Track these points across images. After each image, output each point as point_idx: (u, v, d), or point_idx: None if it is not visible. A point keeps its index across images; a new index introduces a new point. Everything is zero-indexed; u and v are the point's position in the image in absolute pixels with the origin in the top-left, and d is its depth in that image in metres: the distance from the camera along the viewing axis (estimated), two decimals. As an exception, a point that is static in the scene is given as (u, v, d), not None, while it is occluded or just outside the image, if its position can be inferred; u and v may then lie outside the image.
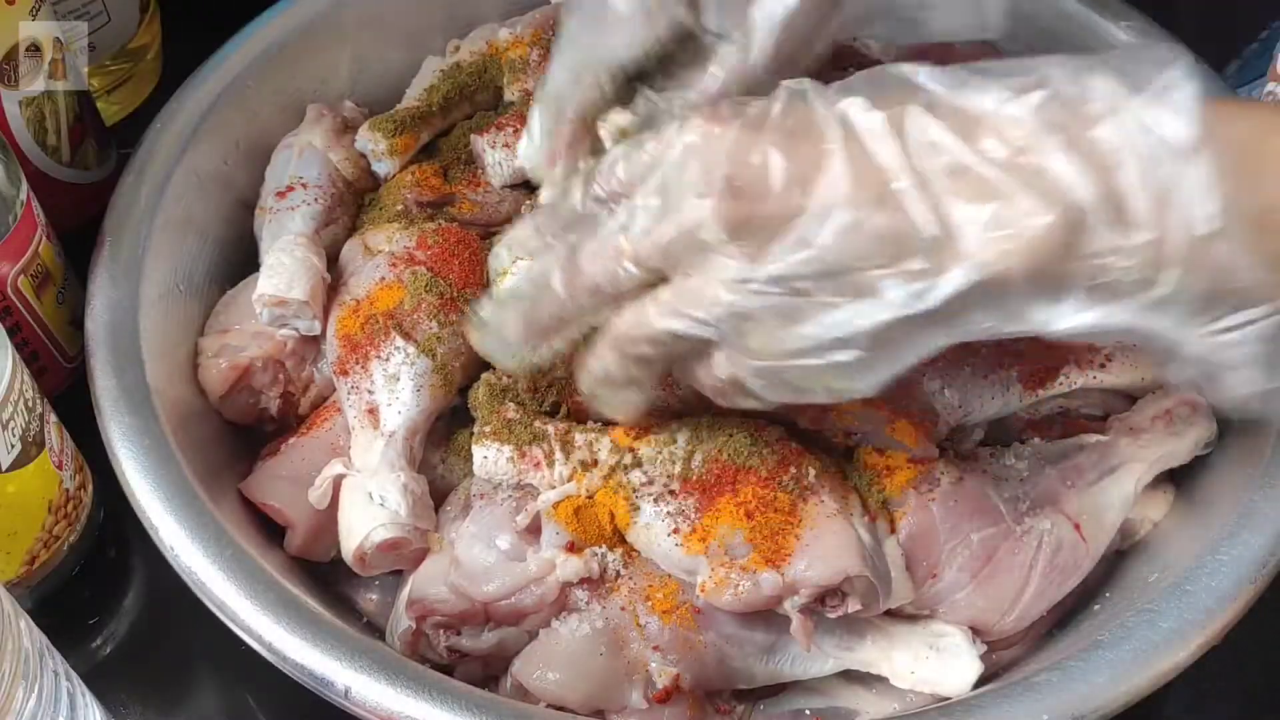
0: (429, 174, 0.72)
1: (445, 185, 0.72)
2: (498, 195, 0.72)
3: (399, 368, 0.61)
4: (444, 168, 0.73)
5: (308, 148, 0.71)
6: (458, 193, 0.71)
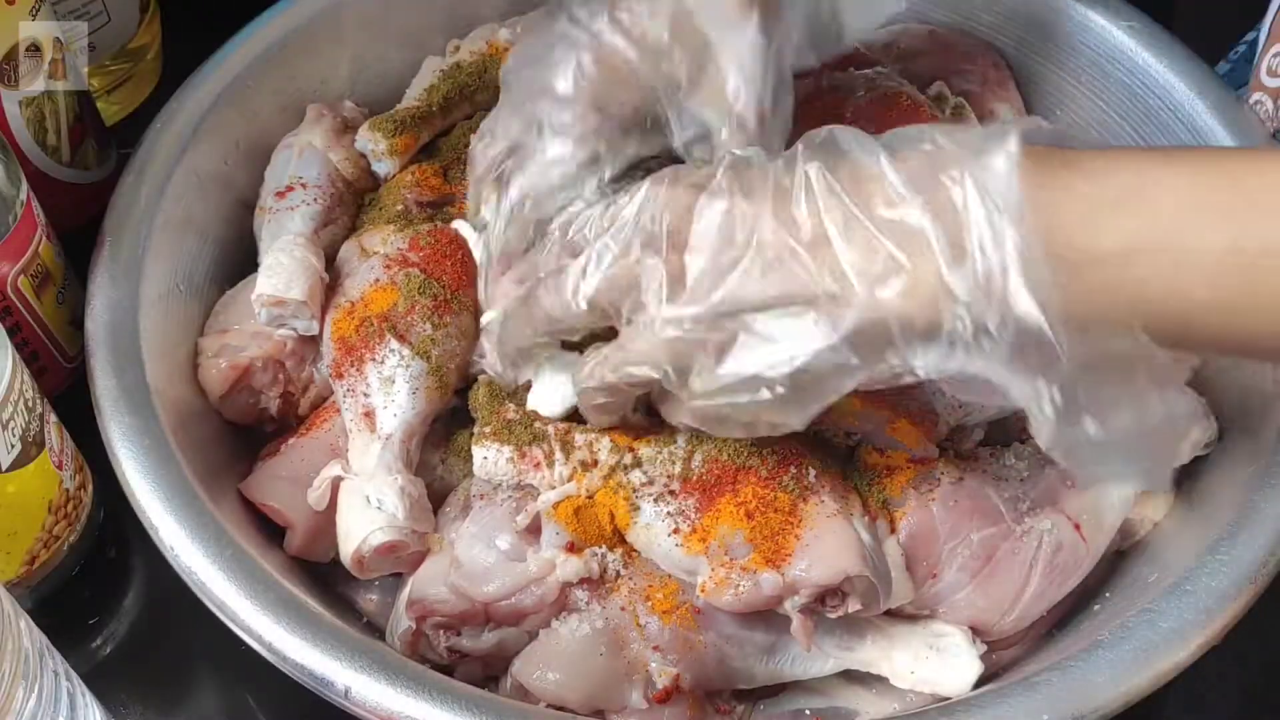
0: (429, 174, 0.72)
1: (445, 185, 0.72)
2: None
3: (394, 370, 0.61)
4: (444, 168, 0.73)
5: (307, 148, 0.71)
6: (458, 193, 0.71)
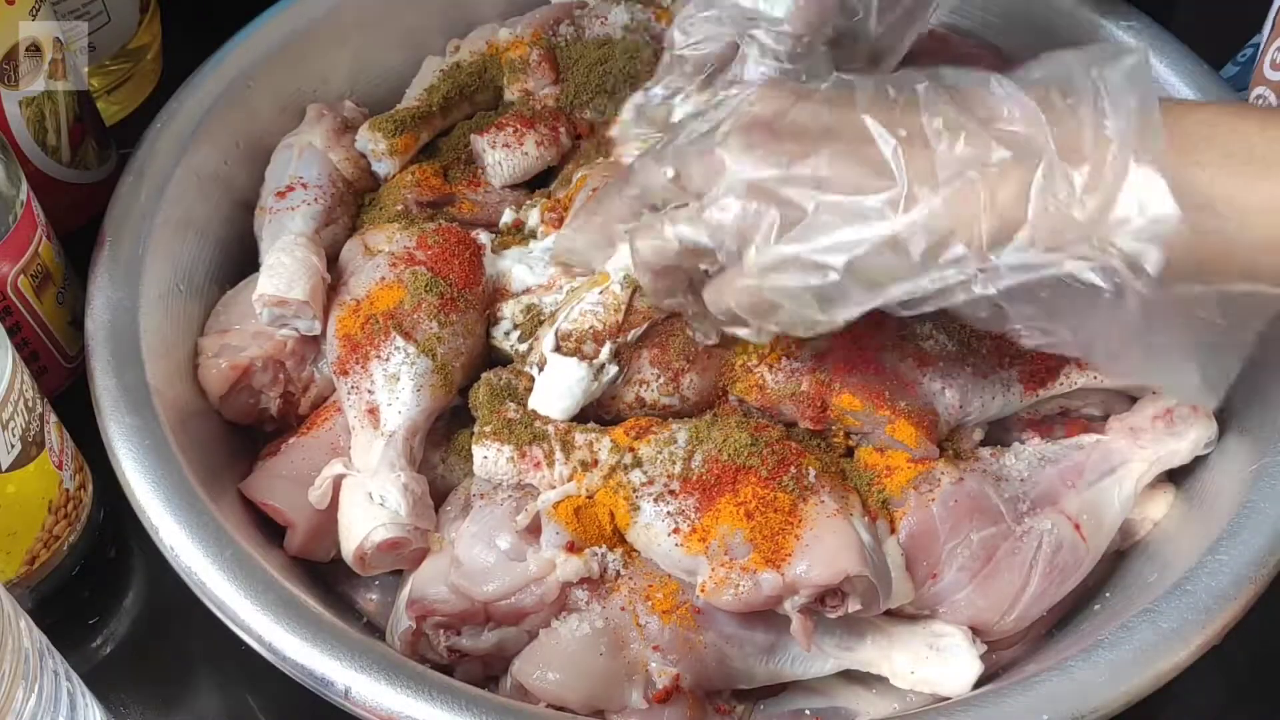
0: (429, 174, 0.72)
1: (445, 185, 0.72)
2: (498, 195, 0.72)
3: (399, 367, 0.61)
4: (444, 168, 0.73)
5: (307, 148, 0.71)
6: (458, 193, 0.72)
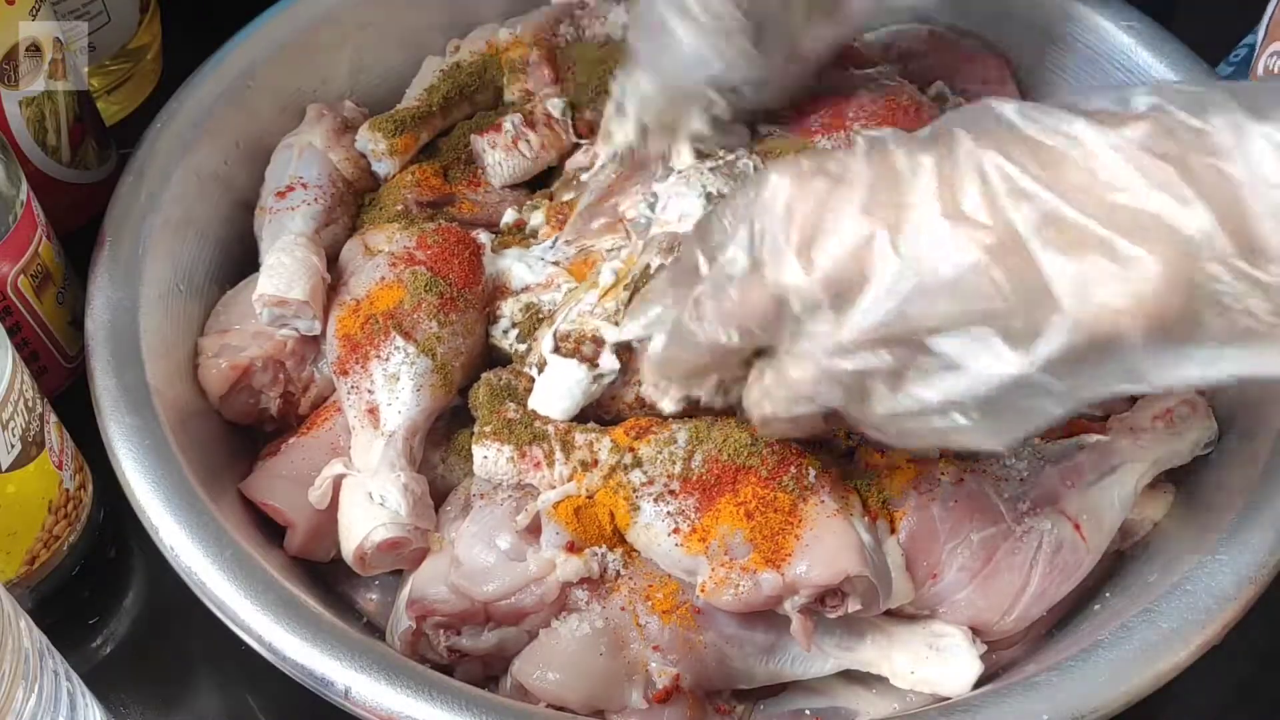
0: (429, 174, 0.72)
1: (445, 185, 0.72)
2: (498, 195, 0.72)
3: (399, 367, 0.61)
4: (444, 168, 0.73)
5: (307, 148, 0.71)
6: (458, 193, 0.72)
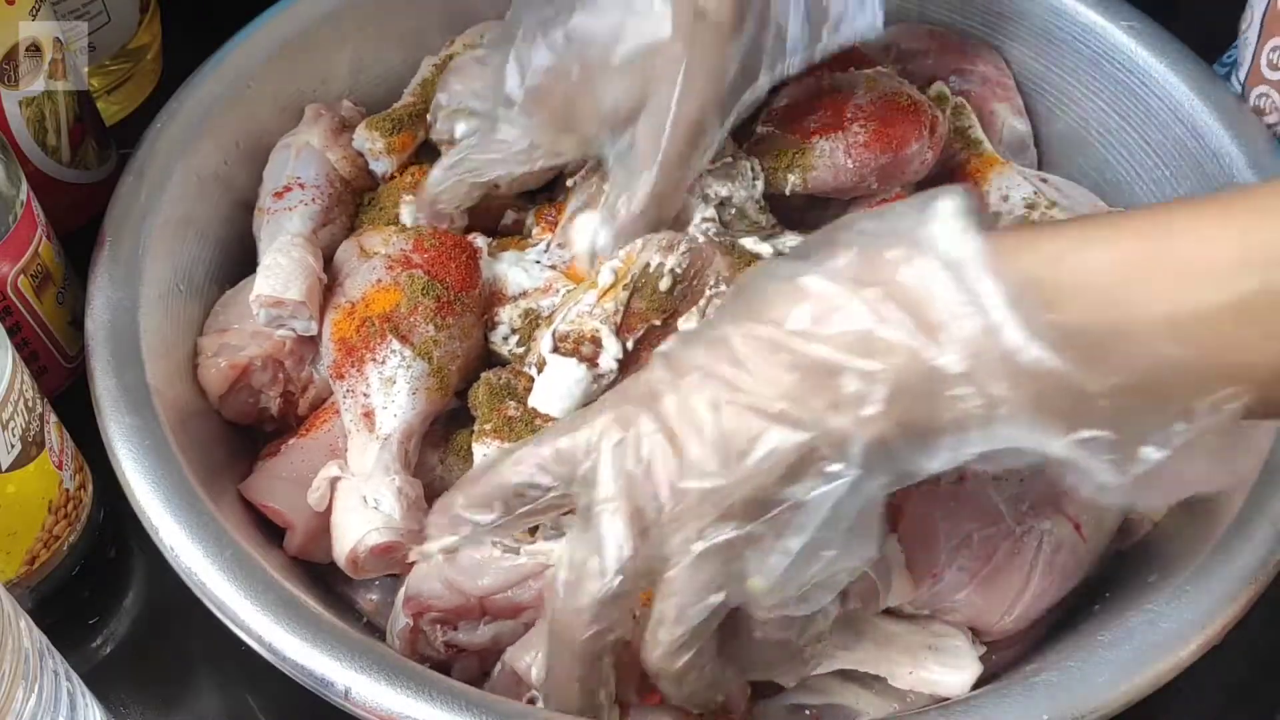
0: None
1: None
2: (498, 200, 0.71)
3: (395, 371, 0.61)
4: None
5: (305, 147, 0.71)
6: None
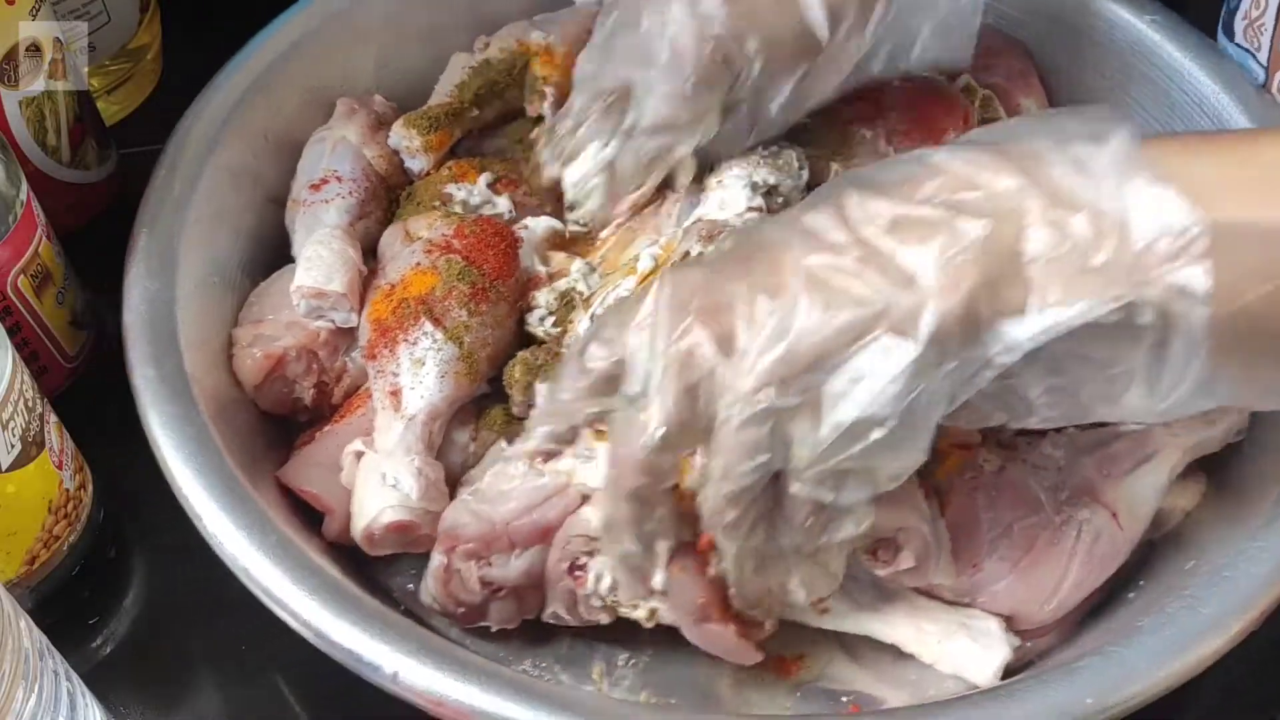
0: (468, 169, 0.72)
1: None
2: (537, 198, 0.71)
3: (425, 353, 0.61)
4: (483, 164, 0.73)
5: (341, 142, 0.71)
6: (495, 191, 0.71)
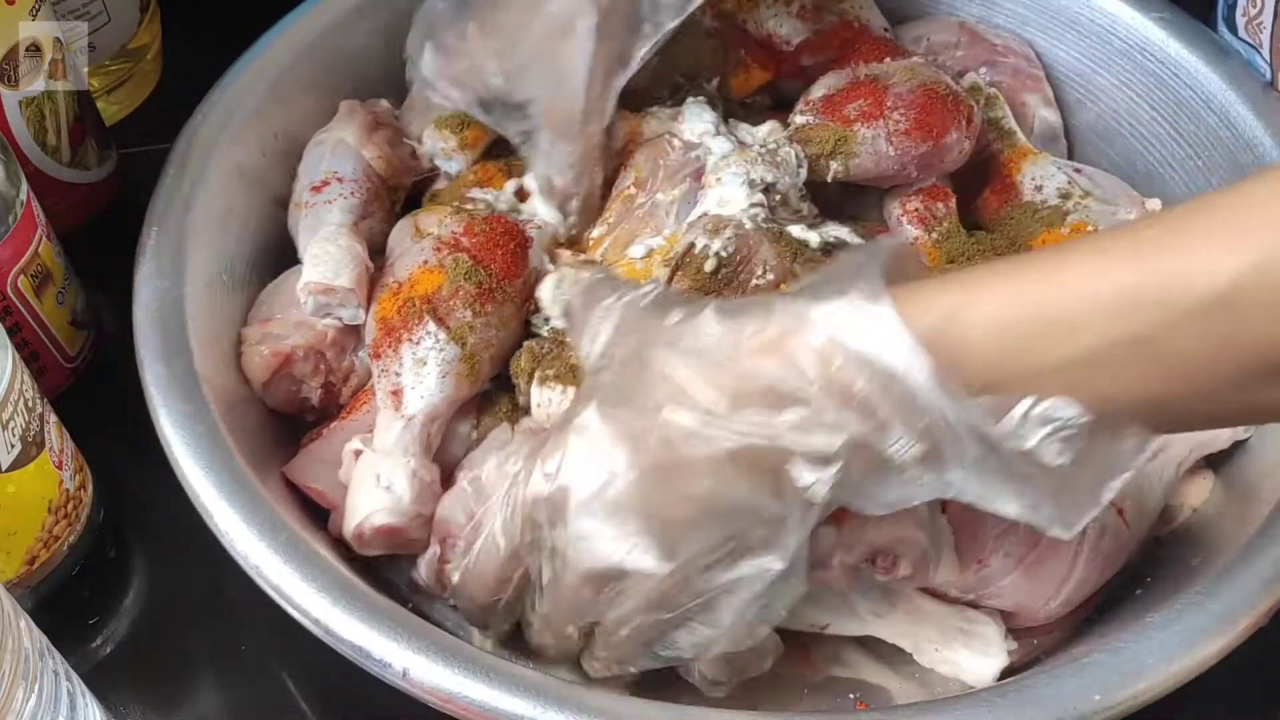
0: (493, 172, 0.71)
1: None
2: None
3: (427, 352, 0.61)
4: (509, 166, 0.72)
5: (339, 143, 0.71)
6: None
